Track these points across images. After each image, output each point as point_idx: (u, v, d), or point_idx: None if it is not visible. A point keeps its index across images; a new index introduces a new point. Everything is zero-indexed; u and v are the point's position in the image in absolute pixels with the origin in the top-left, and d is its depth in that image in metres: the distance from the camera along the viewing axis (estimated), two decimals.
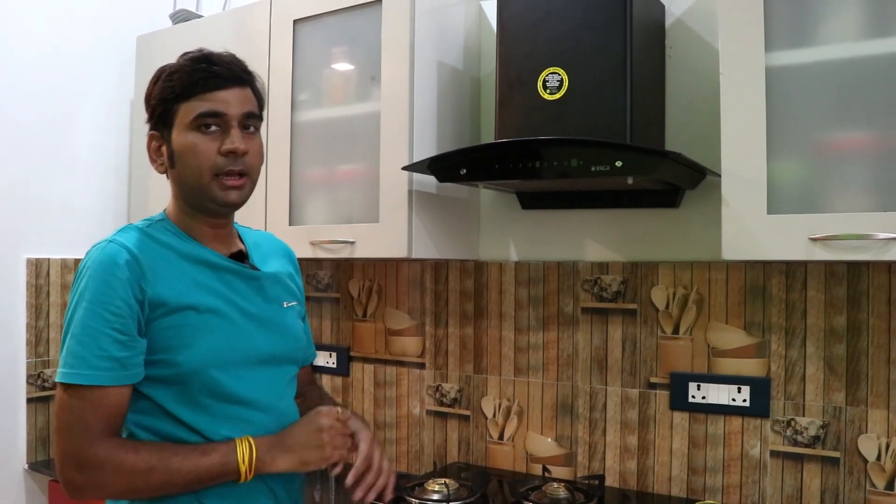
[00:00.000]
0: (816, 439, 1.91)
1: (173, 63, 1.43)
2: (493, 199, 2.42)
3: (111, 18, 2.95)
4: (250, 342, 1.44)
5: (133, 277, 1.32)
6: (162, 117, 1.42)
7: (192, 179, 1.41)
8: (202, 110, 1.39)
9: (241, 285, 1.48)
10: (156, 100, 1.42)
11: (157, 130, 1.44)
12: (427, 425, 2.52)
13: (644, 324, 2.14)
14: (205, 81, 1.39)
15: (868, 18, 1.59)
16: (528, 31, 1.97)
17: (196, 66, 1.40)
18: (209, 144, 1.39)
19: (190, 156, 1.40)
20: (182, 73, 1.40)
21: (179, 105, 1.40)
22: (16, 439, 2.68)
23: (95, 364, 1.29)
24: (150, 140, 1.46)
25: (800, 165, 1.66)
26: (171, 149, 1.42)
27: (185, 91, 1.39)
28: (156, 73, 1.45)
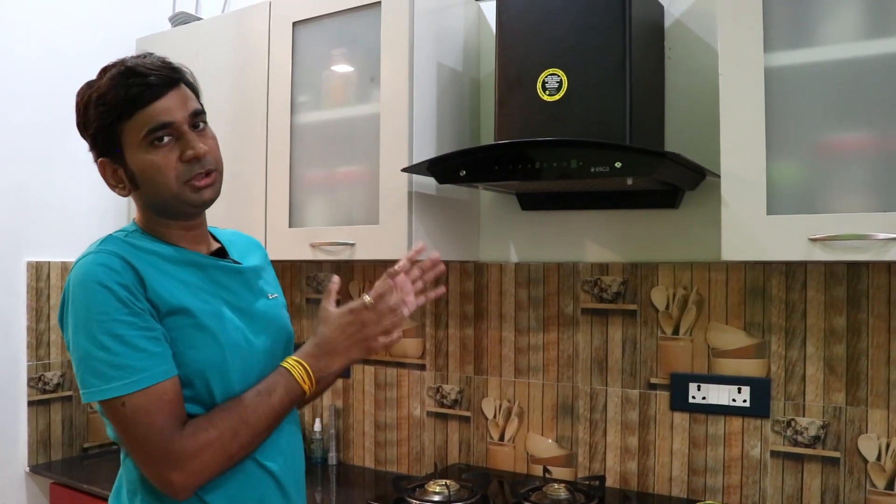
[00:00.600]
0: (816, 439, 1.91)
1: (99, 84, 1.36)
2: (493, 200, 2.42)
3: (110, 21, 2.95)
4: (246, 338, 1.43)
5: (133, 279, 1.31)
6: (107, 143, 1.36)
7: (162, 194, 1.37)
8: (150, 126, 1.33)
9: (229, 281, 1.47)
10: (94, 127, 1.36)
11: (107, 156, 1.38)
12: (428, 426, 2.52)
13: (644, 324, 2.14)
14: (140, 96, 1.33)
15: (867, 19, 1.60)
16: (527, 32, 1.97)
17: (125, 81, 1.33)
18: (168, 157, 1.35)
19: (153, 173, 1.35)
20: (114, 92, 1.33)
21: (122, 126, 1.34)
22: (17, 442, 2.68)
23: (141, 367, 1.27)
24: (102, 168, 1.40)
25: (799, 166, 1.66)
26: (131, 171, 1.37)
27: (125, 110, 1.33)
28: (82, 99, 1.38)
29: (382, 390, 2.62)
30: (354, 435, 2.67)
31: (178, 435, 1.28)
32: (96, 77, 1.38)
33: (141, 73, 1.34)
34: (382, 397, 2.62)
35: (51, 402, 2.77)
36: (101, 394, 1.27)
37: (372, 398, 2.64)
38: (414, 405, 2.55)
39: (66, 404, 2.82)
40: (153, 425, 1.27)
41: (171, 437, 1.28)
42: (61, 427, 2.81)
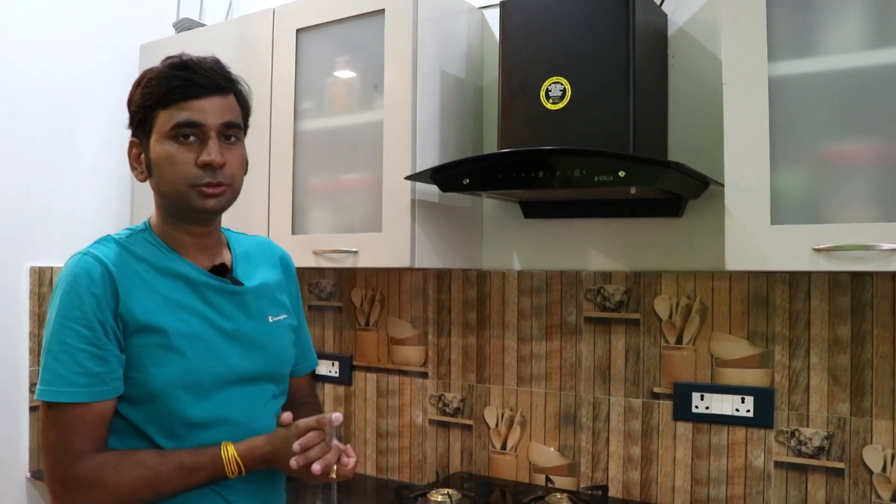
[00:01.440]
0: (821, 450, 1.90)
1: (155, 67, 1.39)
2: (496, 208, 2.42)
3: (114, 27, 2.96)
4: (223, 361, 1.41)
5: (106, 291, 1.31)
6: (141, 124, 1.38)
7: (168, 189, 1.38)
8: (179, 120, 1.35)
9: (221, 301, 1.44)
10: (136, 105, 1.39)
11: (137, 137, 1.41)
12: (430, 435, 2.52)
13: (647, 333, 2.14)
14: (182, 90, 1.35)
15: (870, 29, 1.59)
16: (530, 40, 1.97)
17: (174, 72, 1.36)
18: (186, 155, 1.36)
19: (166, 166, 1.36)
20: (160, 79, 1.36)
21: (158, 112, 1.36)
22: (18, 447, 2.67)
23: (74, 381, 1.28)
24: (130, 147, 1.42)
25: (803, 176, 1.66)
26: (149, 157, 1.39)
27: (164, 98, 1.35)
28: (139, 77, 1.40)
29: (384, 398, 2.62)
30: (356, 443, 2.66)
31: (82, 459, 1.29)
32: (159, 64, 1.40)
33: (191, 69, 1.36)
34: (384, 405, 2.62)
35: None
36: (38, 393, 1.29)
37: (374, 406, 2.64)
38: (416, 413, 2.55)
39: None
40: (64, 440, 1.28)
41: (74, 459, 1.29)
42: None
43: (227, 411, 1.40)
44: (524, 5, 1.99)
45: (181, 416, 1.35)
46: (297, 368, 1.65)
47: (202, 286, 1.42)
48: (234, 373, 1.42)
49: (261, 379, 1.47)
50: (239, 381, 1.42)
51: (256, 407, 1.46)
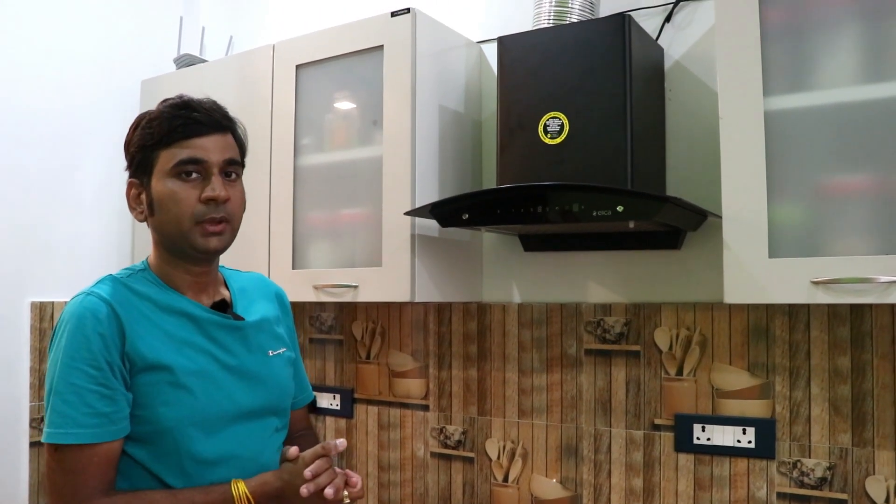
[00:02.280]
0: (823, 481, 1.90)
1: (153, 110, 1.42)
2: (496, 241, 2.43)
3: (116, 63, 2.98)
4: (230, 397, 1.42)
5: (113, 331, 1.31)
6: (141, 164, 1.41)
7: (172, 227, 1.40)
8: (182, 157, 1.38)
9: (224, 336, 1.46)
10: (135, 147, 1.41)
11: (137, 178, 1.43)
12: (431, 467, 2.51)
13: (648, 365, 2.14)
14: (185, 128, 1.38)
15: (865, 64, 1.61)
16: (528, 75, 1.99)
17: (176, 112, 1.40)
18: (189, 192, 1.38)
19: (170, 203, 1.39)
20: (161, 119, 1.39)
21: (159, 152, 1.39)
22: (18, 483, 2.66)
23: (83, 422, 1.28)
24: (129, 187, 1.44)
25: (800, 209, 1.67)
26: (151, 196, 1.41)
27: (165, 138, 1.38)
28: (136, 120, 1.44)
29: (386, 431, 2.61)
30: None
31: (91, 500, 1.28)
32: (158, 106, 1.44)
33: (192, 108, 1.41)
34: (386, 438, 2.61)
35: None
36: (46, 436, 1.28)
37: (375, 438, 2.63)
38: (417, 446, 2.54)
39: None
40: (73, 483, 1.28)
41: (90, 499, 1.28)
42: None
43: (234, 447, 1.41)
44: (522, 40, 2.01)
45: (190, 453, 1.35)
46: (295, 401, 1.67)
47: (205, 322, 1.44)
48: (240, 408, 1.43)
49: (265, 413, 1.49)
50: (244, 416, 1.44)
51: (261, 441, 1.47)
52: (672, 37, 2.15)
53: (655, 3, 2.17)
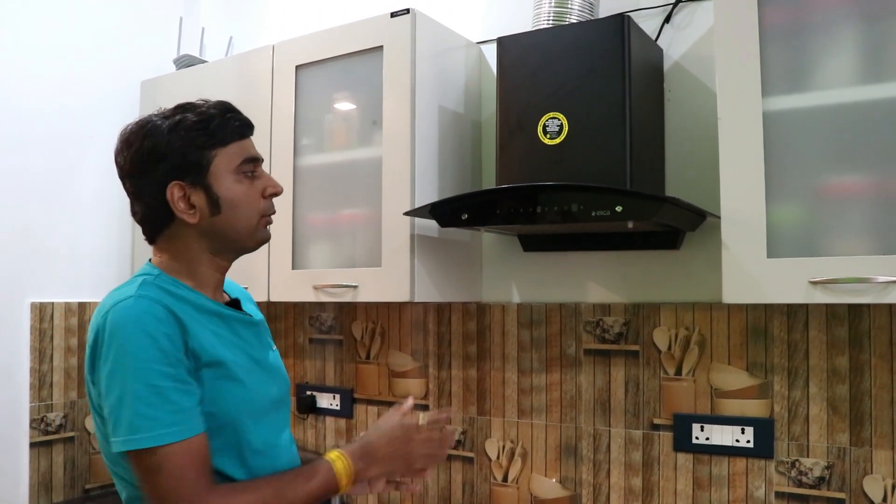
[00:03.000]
0: (821, 480, 1.91)
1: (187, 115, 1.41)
2: (495, 241, 2.43)
3: (115, 63, 2.99)
4: (266, 388, 1.47)
5: (175, 329, 1.31)
6: (191, 165, 1.39)
7: (241, 224, 1.44)
8: (246, 156, 1.44)
9: (247, 333, 1.50)
10: (175, 150, 1.39)
11: (183, 180, 1.39)
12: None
13: (647, 365, 2.15)
14: (241, 129, 1.45)
15: (863, 64, 1.62)
16: (527, 76, 1.99)
17: (228, 113, 1.44)
18: (254, 189, 1.45)
19: (242, 201, 1.43)
20: (214, 121, 1.41)
21: (216, 151, 1.41)
22: (18, 484, 2.66)
23: (170, 420, 1.26)
24: (172, 191, 1.40)
25: (799, 209, 1.67)
26: (215, 195, 1.41)
27: (226, 138, 1.42)
28: (167, 125, 1.40)
29: None
30: None
31: (209, 491, 1.28)
32: (172, 112, 1.42)
33: (236, 111, 1.46)
34: None
35: (53, 444, 2.76)
36: (133, 443, 1.25)
37: None
38: None
39: (68, 445, 2.81)
40: (184, 478, 1.26)
41: (202, 494, 1.27)
42: (63, 468, 2.80)
43: (272, 435, 1.47)
44: (521, 41, 2.02)
45: (248, 442, 1.39)
46: None
47: (231, 319, 1.48)
48: (271, 398, 1.49)
49: (283, 403, 1.56)
50: (274, 405, 1.49)
51: (284, 429, 1.54)
52: (671, 37, 2.16)
53: (655, 3, 2.17)
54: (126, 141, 1.43)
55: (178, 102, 1.46)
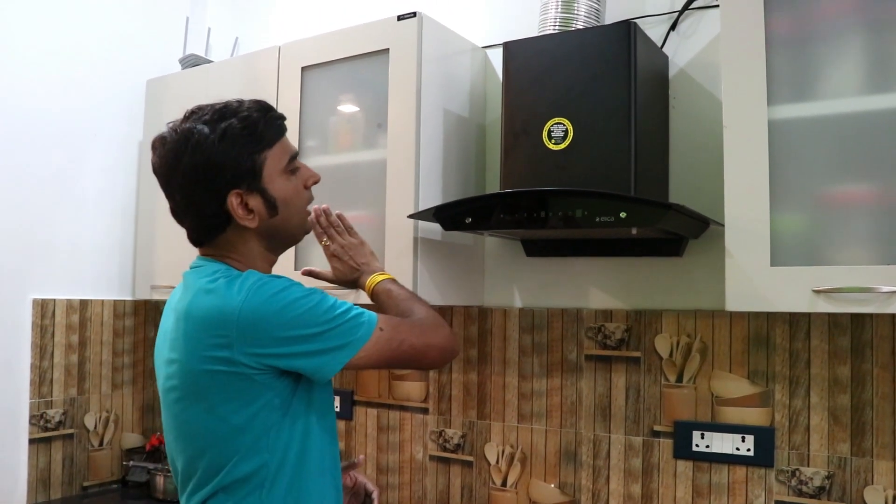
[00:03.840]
0: (822, 490, 1.90)
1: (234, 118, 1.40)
2: (498, 246, 2.43)
3: (121, 63, 2.99)
4: None
5: None
6: (248, 171, 1.39)
7: (295, 220, 1.50)
8: (292, 153, 1.47)
9: None
10: (241, 155, 1.39)
11: (239, 187, 1.40)
12: (430, 471, 2.51)
13: (648, 372, 2.14)
14: (282, 127, 1.47)
15: (869, 74, 1.62)
16: (533, 80, 1.99)
17: (268, 114, 1.44)
18: (299, 183, 1.50)
19: (295, 198, 1.48)
20: (259, 123, 1.41)
21: (264, 154, 1.41)
22: (17, 480, 2.66)
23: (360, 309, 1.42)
24: (232, 199, 1.40)
25: (803, 218, 1.67)
26: (272, 197, 1.43)
27: (270, 139, 1.43)
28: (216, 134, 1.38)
29: (385, 433, 2.61)
30: None
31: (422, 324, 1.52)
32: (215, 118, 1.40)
33: (274, 109, 1.48)
34: (385, 440, 2.61)
35: (52, 440, 2.76)
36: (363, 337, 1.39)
37: (374, 441, 2.63)
38: (416, 449, 2.54)
39: (66, 442, 2.81)
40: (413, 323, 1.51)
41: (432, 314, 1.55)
42: (62, 465, 2.80)
43: None
44: (527, 46, 2.02)
45: None
46: None
47: None
48: None
49: None
50: None
51: None
52: (677, 45, 2.16)
53: (661, 11, 2.18)
54: (174, 155, 1.40)
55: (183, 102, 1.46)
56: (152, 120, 2.87)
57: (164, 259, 2.78)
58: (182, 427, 1.41)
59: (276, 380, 1.36)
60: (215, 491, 1.37)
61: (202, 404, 1.35)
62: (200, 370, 1.33)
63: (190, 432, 1.40)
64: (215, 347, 1.32)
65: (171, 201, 1.45)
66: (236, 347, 1.31)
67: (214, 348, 1.32)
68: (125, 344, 3.02)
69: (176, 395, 1.39)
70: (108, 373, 2.95)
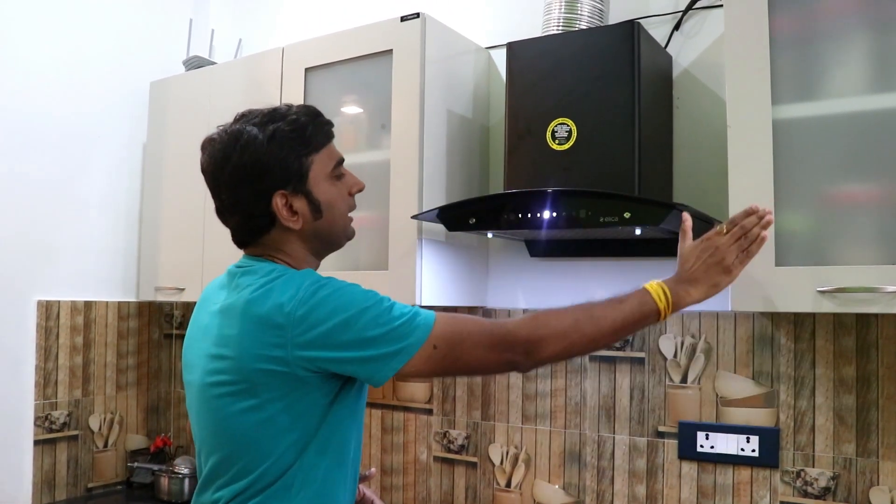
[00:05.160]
0: (827, 490, 1.90)
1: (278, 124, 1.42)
2: (502, 246, 2.43)
3: (125, 64, 3.00)
4: None
5: None
6: (294, 173, 1.41)
7: (339, 224, 1.50)
8: (338, 158, 1.49)
9: None
10: (286, 158, 1.41)
11: (284, 188, 1.41)
12: (434, 472, 2.51)
13: (652, 372, 2.14)
14: (330, 132, 1.48)
15: (873, 73, 1.62)
16: (537, 81, 1.99)
17: (316, 119, 1.46)
18: (344, 189, 1.50)
19: (340, 202, 1.48)
20: (308, 128, 1.43)
21: (312, 157, 1.43)
22: (22, 482, 2.67)
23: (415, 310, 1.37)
24: (277, 199, 1.41)
25: (807, 217, 1.67)
26: (316, 200, 1.44)
27: (318, 143, 1.44)
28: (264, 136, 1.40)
29: (389, 434, 2.61)
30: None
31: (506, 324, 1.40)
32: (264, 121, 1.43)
33: (322, 115, 1.49)
34: (389, 441, 2.61)
35: (57, 442, 2.77)
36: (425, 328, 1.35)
37: (378, 442, 2.63)
38: (420, 450, 2.54)
39: (71, 444, 2.81)
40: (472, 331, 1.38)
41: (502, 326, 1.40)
42: (66, 467, 2.80)
43: None
44: (531, 46, 2.02)
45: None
46: None
47: None
48: None
49: None
50: None
51: None
52: (681, 45, 2.16)
53: (664, 10, 2.17)
54: (223, 154, 1.42)
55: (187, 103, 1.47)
56: (156, 122, 2.87)
57: (168, 261, 2.78)
58: (223, 422, 1.39)
59: (326, 381, 1.37)
60: (246, 488, 1.38)
61: (252, 401, 1.35)
62: (255, 368, 1.33)
63: (231, 428, 1.38)
64: (271, 346, 1.32)
65: (218, 200, 1.47)
66: (290, 349, 1.31)
67: (270, 347, 1.32)
68: (129, 345, 3.02)
69: (224, 391, 1.38)
70: (112, 374, 2.95)
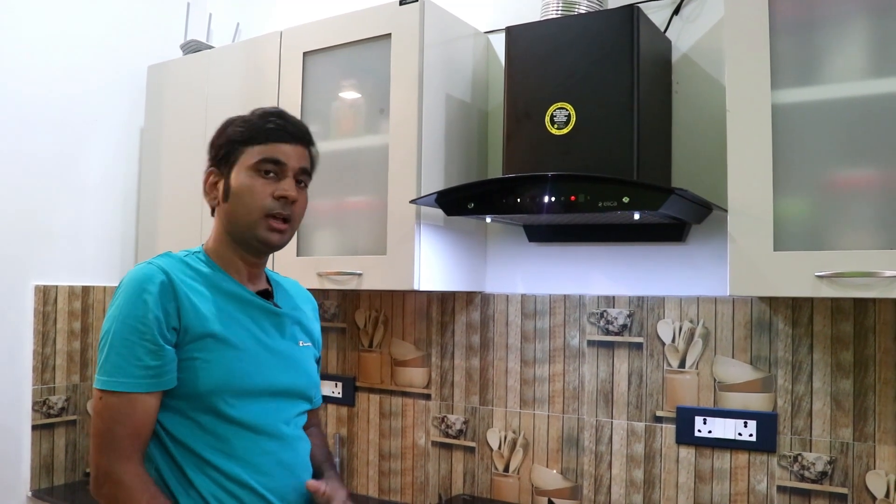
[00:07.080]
0: (824, 475, 1.91)
1: (247, 114, 1.58)
2: (500, 231, 2.43)
3: (122, 48, 2.99)
4: (264, 374, 1.52)
5: (166, 297, 1.42)
6: (225, 157, 1.55)
7: (243, 216, 1.53)
8: (265, 156, 1.52)
9: (263, 320, 1.57)
10: (223, 141, 1.56)
11: (217, 168, 1.57)
12: (432, 456, 2.52)
13: (650, 357, 2.14)
14: (275, 133, 1.54)
15: (873, 58, 1.61)
16: (536, 65, 1.99)
17: (269, 117, 1.55)
18: (264, 187, 1.52)
19: (246, 194, 1.52)
20: (255, 121, 1.55)
21: (245, 148, 1.53)
22: (20, 466, 2.67)
23: (132, 373, 1.38)
24: (208, 175, 1.59)
25: (806, 202, 1.67)
26: (229, 185, 1.54)
27: (254, 137, 1.53)
28: (226, 122, 1.59)
29: (387, 419, 2.62)
30: (359, 464, 2.67)
31: (125, 459, 1.38)
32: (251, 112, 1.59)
33: (285, 119, 1.57)
34: (387, 426, 2.62)
35: (55, 427, 2.77)
36: (96, 381, 1.41)
37: (377, 427, 2.64)
38: (419, 435, 2.55)
39: (69, 428, 2.82)
40: (111, 431, 1.38)
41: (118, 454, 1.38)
42: (64, 451, 2.80)
43: (262, 418, 1.51)
44: (530, 31, 2.01)
45: (224, 415, 1.45)
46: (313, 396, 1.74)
47: (249, 304, 1.56)
48: (274, 385, 1.55)
49: (294, 395, 1.61)
50: (276, 393, 1.55)
51: (288, 417, 1.58)
52: (680, 29, 2.15)
53: None
54: None
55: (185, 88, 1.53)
56: (153, 106, 2.86)
57: (165, 244, 2.76)
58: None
59: None
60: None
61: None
62: None
63: None
64: None
65: None
66: None
67: None
68: None
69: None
70: None
